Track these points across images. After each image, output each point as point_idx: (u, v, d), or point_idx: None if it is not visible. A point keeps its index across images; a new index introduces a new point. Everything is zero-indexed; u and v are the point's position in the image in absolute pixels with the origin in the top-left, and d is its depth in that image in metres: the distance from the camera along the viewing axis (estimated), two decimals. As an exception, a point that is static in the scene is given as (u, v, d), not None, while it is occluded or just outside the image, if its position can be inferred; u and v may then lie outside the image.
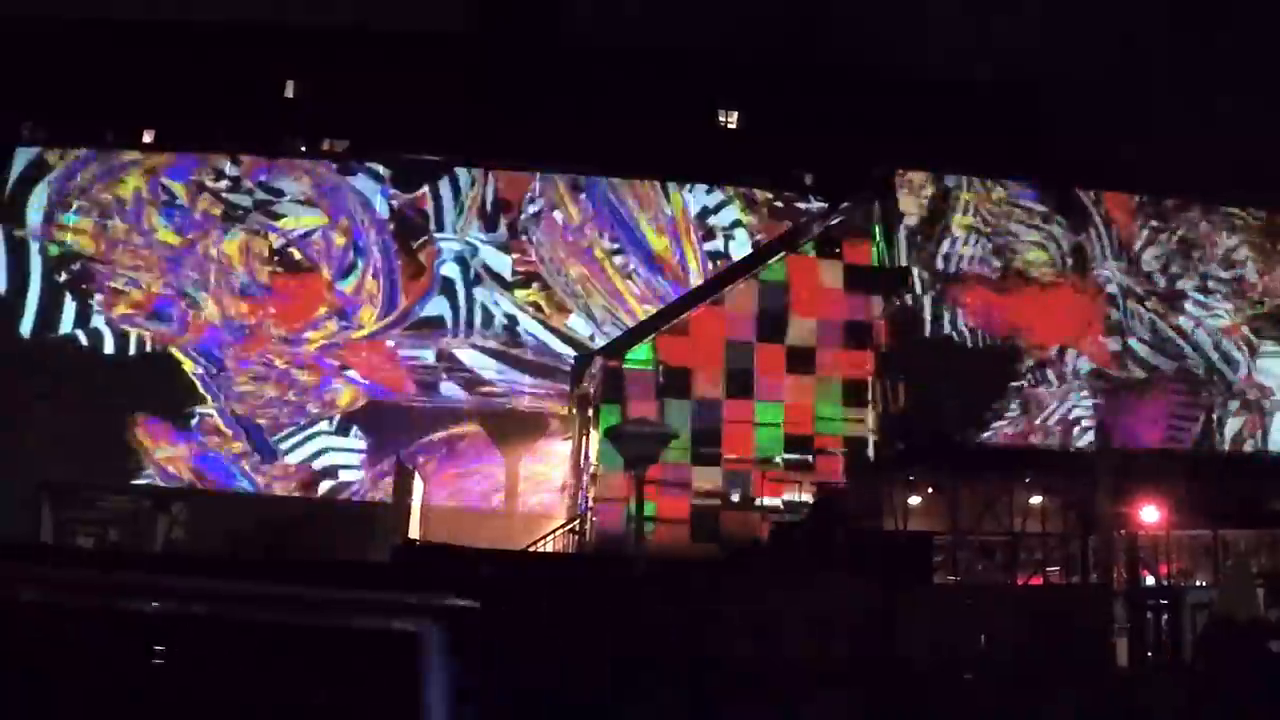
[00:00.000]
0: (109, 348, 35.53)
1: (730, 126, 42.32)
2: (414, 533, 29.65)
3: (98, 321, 35.69)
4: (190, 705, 13.39)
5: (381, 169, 37.79)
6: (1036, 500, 28.25)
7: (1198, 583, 26.92)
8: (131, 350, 35.58)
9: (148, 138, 38.83)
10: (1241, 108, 56.90)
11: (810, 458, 30.99)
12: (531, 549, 30.20)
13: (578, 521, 31.14)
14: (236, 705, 13.38)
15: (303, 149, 38.78)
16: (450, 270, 37.25)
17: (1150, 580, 27.14)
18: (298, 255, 36.96)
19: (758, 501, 30.44)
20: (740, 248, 37.66)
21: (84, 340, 35.56)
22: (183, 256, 36.52)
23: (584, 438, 32.68)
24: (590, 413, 31.99)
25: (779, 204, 38.78)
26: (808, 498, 29.98)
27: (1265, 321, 32.98)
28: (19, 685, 13.05)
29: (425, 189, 37.76)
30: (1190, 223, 33.39)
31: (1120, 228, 32.95)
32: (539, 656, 19.45)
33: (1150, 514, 26.72)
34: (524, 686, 18.74)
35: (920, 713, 20.14)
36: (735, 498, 30.60)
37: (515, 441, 34.86)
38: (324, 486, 34.88)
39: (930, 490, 28.60)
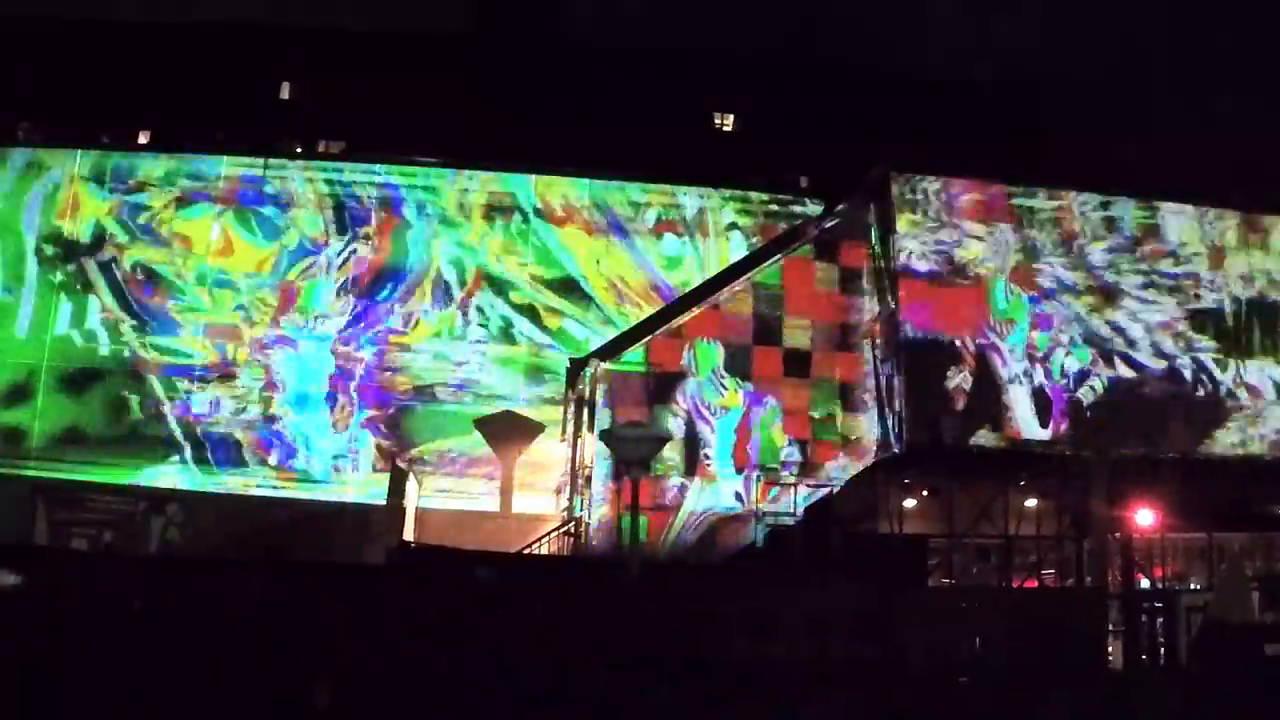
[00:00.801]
0: (104, 349, 35.53)
1: (727, 129, 42.36)
2: (409, 535, 29.65)
3: (92, 322, 35.67)
4: None
5: (379, 169, 37.73)
6: (1031, 503, 28.28)
7: (1192, 585, 26.95)
8: (127, 352, 35.56)
9: (144, 139, 38.88)
10: (1241, 108, 57.01)
11: (806, 461, 30.99)
12: (526, 551, 30.18)
13: (573, 524, 31.11)
14: None
15: (299, 150, 38.72)
16: (446, 272, 37.21)
17: (1145, 583, 27.14)
18: (293, 255, 36.90)
19: (754, 504, 30.41)
20: (735, 250, 37.59)
21: (79, 340, 35.56)
22: (177, 257, 36.51)
23: (579, 440, 32.66)
24: (586, 415, 31.97)
25: (775, 206, 38.71)
26: (804, 501, 29.97)
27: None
28: None
29: (423, 190, 37.68)
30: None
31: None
32: (535, 659, 19.49)
33: (1144, 517, 26.71)
34: (520, 688, 18.79)
35: (916, 715, 20.16)
36: (731, 500, 30.60)
37: (510, 443, 34.76)
38: (319, 488, 34.81)
39: (925, 493, 28.63)
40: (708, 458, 30.57)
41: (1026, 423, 30.08)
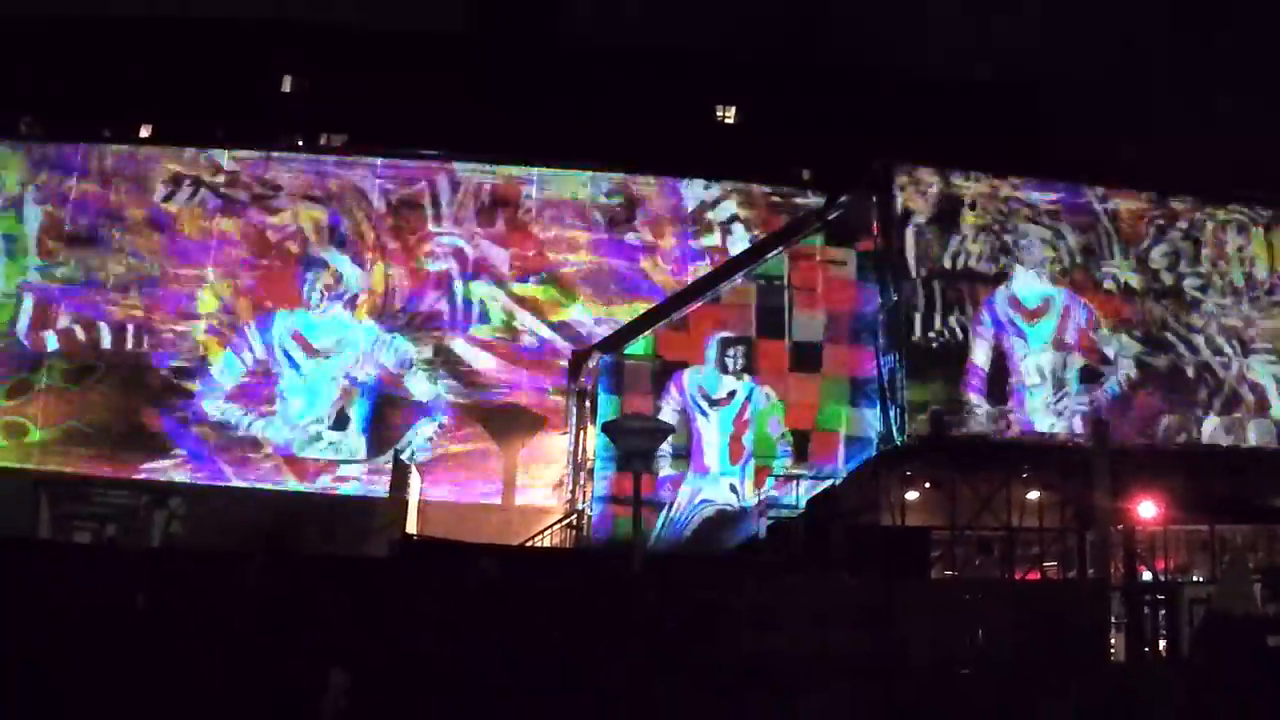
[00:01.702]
0: (106, 343, 35.54)
1: (728, 121, 42.38)
2: (411, 527, 29.66)
3: (94, 316, 35.66)
4: None
5: (379, 163, 37.72)
6: (1034, 495, 28.25)
7: (1195, 578, 26.96)
8: (129, 345, 35.57)
9: (145, 133, 38.90)
10: (1241, 108, 57.18)
11: (809, 454, 31.00)
12: (529, 544, 30.21)
13: (575, 516, 31.15)
14: None
15: (300, 143, 38.74)
16: (448, 265, 37.20)
17: (1147, 575, 27.13)
18: (295, 250, 36.90)
19: (753, 497, 30.43)
20: (738, 243, 37.56)
21: (81, 335, 35.56)
22: (179, 251, 36.51)
23: (581, 432, 32.70)
24: (588, 407, 32.01)
25: (777, 199, 38.72)
26: (806, 493, 30.00)
27: (1263, 319, 32.93)
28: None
29: (423, 183, 37.70)
30: (1198, 221, 33.37)
31: (1127, 225, 32.99)
32: (537, 651, 19.49)
33: (1147, 509, 26.67)
34: (523, 681, 18.79)
35: (918, 708, 20.16)
36: (730, 494, 30.62)
37: (513, 436, 34.83)
38: (322, 481, 34.82)
39: (927, 485, 28.60)
40: (706, 451, 30.60)
41: (1035, 416, 30.26)
